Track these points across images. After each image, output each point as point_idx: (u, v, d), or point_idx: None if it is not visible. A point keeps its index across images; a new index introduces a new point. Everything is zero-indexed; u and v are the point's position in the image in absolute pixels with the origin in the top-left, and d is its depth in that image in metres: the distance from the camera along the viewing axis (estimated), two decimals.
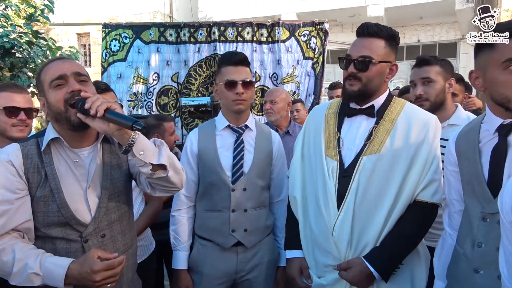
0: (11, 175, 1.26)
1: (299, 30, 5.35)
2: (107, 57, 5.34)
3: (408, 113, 1.58)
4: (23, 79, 6.08)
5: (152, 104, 5.40)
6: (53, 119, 1.33)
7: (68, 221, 1.31)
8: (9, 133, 1.82)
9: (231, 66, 1.83)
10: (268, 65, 5.39)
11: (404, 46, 10.98)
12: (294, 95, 5.34)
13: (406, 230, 1.50)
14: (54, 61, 1.35)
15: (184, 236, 1.89)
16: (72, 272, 1.22)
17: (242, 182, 1.83)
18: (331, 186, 1.56)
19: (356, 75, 1.55)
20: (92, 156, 1.39)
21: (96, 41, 12.64)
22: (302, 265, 1.66)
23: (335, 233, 1.52)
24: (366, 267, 1.47)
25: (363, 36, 1.58)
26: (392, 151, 1.52)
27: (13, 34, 5.83)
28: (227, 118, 1.89)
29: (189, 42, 5.35)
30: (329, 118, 1.69)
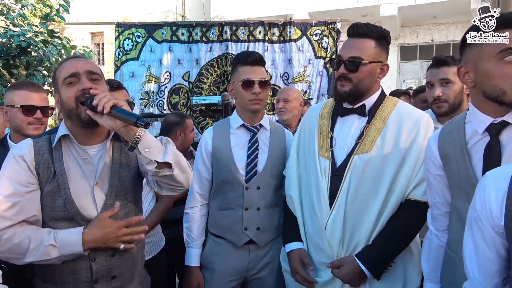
0: (23, 170, 1.30)
1: (311, 30, 5.33)
2: (120, 56, 5.40)
3: (400, 111, 1.58)
4: (38, 77, 6.20)
5: (164, 103, 5.44)
6: (65, 115, 1.36)
7: (73, 216, 1.34)
8: (25, 131, 1.86)
9: (248, 65, 1.83)
10: (279, 64, 5.39)
11: (417, 46, 10.86)
12: (305, 94, 5.33)
13: (398, 229, 1.51)
14: (69, 60, 1.38)
15: (197, 233, 1.91)
16: (87, 237, 1.29)
17: (256, 181, 1.84)
18: (323, 185, 1.58)
19: (346, 76, 1.56)
20: (101, 154, 1.42)
21: (110, 40, 12.79)
22: (301, 254, 1.66)
23: (327, 231, 1.54)
24: (357, 265, 1.49)
25: (353, 37, 1.58)
26: (383, 150, 1.53)
27: (29, 33, 5.94)
28: (242, 117, 1.90)
29: (201, 41, 5.38)
30: (322, 117, 1.71)
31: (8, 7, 6.62)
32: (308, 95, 5.34)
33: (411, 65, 10.86)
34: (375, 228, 1.51)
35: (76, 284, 1.36)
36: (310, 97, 5.33)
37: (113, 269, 1.41)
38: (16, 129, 1.89)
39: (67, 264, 1.34)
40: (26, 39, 5.78)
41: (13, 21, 6.18)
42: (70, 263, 1.34)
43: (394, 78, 10.82)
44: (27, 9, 6.76)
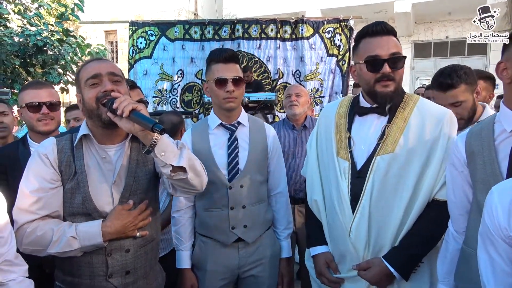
0: (47, 167, 1.36)
1: (323, 27, 5.31)
2: (133, 54, 5.46)
3: (421, 109, 1.53)
4: (53, 75, 6.32)
5: (177, 101, 5.49)
6: (87, 115, 1.41)
7: (91, 213, 1.39)
8: (37, 128, 1.90)
9: (221, 63, 1.79)
10: (291, 62, 5.38)
11: (431, 43, 10.71)
12: (317, 92, 5.31)
13: (425, 230, 1.48)
14: (93, 61, 1.42)
15: (186, 236, 1.90)
16: (107, 229, 1.35)
17: (239, 180, 1.82)
18: (344, 187, 1.55)
19: (390, 75, 1.48)
20: (120, 153, 1.46)
21: (123, 38, 12.93)
22: (327, 258, 1.64)
23: (352, 235, 1.51)
24: (385, 267, 1.47)
25: (382, 35, 1.50)
26: (406, 150, 1.48)
27: (45, 33, 6.05)
28: (219, 116, 1.87)
29: (213, 39, 5.41)
30: (339, 117, 1.66)
31: (25, 7, 6.75)
32: (320, 93, 5.33)
33: (425, 62, 10.72)
34: (401, 229, 1.48)
35: (92, 277, 1.40)
36: (322, 95, 5.31)
37: (127, 265, 1.45)
38: (29, 127, 1.94)
39: (85, 257, 1.38)
40: (42, 38, 5.90)
41: (30, 20, 6.30)
42: (87, 257, 1.39)
43: (408, 75, 10.69)
44: (43, 9, 6.88)
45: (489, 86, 2.71)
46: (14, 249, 1.31)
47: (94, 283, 1.41)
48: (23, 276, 1.32)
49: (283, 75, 5.40)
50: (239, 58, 1.86)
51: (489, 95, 2.73)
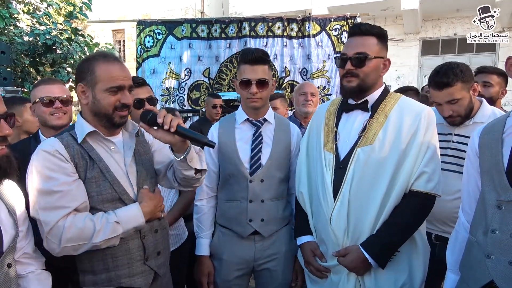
0: (62, 162, 1.36)
1: (330, 25, 5.31)
2: (141, 53, 5.51)
3: (402, 105, 1.65)
4: (63, 74, 6.38)
5: (184, 99, 5.53)
6: (93, 112, 1.43)
7: (120, 195, 1.44)
8: (50, 122, 1.94)
9: (248, 64, 1.85)
10: (298, 60, 5.39)
11: (439, 40, 10.62)
12: (324, 90, 5.32)
13: (401, 219, 1.55)
14: (114, 64, 1.42)
15: (206, 224, 1.98)
16: (145, 209, 1.44)
17: (260, 174, 1.88)
18: (327, 177, 1.65)
19: (353, 72, 1.63)
20: (125, 144, 1.53)
21: (130, 37, 13.01)
22: (312, 247, 1.73)
23: (332, 222, 1.60)
24: (362, 253, 1.54)
25: (356, 35, 1.66)
26: (385, 142, 1.58)
27: (54, 32, 6.11)
28: (246, 112, 1.95)
29: (220, 37, 5.43)
30: (329, 114, 1.79)
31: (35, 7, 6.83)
32: (327, 90, 5.33)
33: (433, 60, 10.63)
34: (379, 218, 1.56)
35: (130, 264, 1.44)
36: (329, 92, 5.31)
37: (158, 245, 1.54)
38: (42, 123, 1.98)
39: (121, 246, 1.42)
40: (51, 37, 5.96)
41: (39, 20, 6.37)
42: (123, 245, 1.43)
43: (415, 73, 10.62)
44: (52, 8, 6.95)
45: (502, 81, 2.70)
46: (32, 242, 1.35)
47: (133, 270, 1.45)
48: (41, 269, 1.36)
49: (290, 73, 5.40)
50: (267, 57, 1.90)
51: (502, 91, 2.72)
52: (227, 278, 1.92)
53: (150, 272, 1.50)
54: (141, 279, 1.47)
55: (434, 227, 2.11)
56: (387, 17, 10.50)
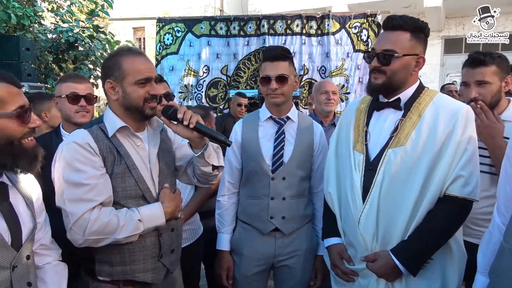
0: (92, 155, 1.39)
1: (350, 22, 5.23)
2: (160, 50, 5.56)
3: (437, 104, 1.54)
4: (84, 70, 6.52)
5: (202, 96, 5.56)
6: (124, 107, 1.46)
7: (144, 193, 1.47)
8: (73, 119, 1.99)
9: (268, 61, 1.87)
10: (316, 58, 5.34)
11: (463, 38, 10.34)
12: (343, 88, 5.25)
13: (435, 224, 1.46)
14: (140, 57, 1.45)
15: (227, 220, 2.00)
16: (167, 209, 1.46)
17: (282, 172, 1.88)
18: (357, 179, 1.59)
19: (380, 69, 1.55)
20: (150, 141, 1.55)
21: (150, 35, 13.15)
22: (339, 249, 1.68)
23: (360, 225, 1.54)
24: (391, 259, 1.47)
25: (387, 29, 1.57)
26: (418, 143, 1.50)
27: (76, 29, 6.24)
28: (269, 109, 1.95)
29: (239, 35, 5.44)
30: (359, 112, 1.72)
31: (58, 5, 6.99)
32: (346, 89, 5.27)
33: (456, 58, 10.37)
34: (411, 223, 1.48)
35: (146, 260, 1.47)
36: (348, 91, 5.25)
37: (173, 243, 1.57)
38: (65, 118, 2.02)
39: (139, 242, 1.45)
40: (73, 35, 6.09)
41: (62, 17, 6.52)
42: (141, 241, 1.45)
43: (437, 72, 10.38)
44: (74, 6, 7.10)
45: None
46: (49, 233, 1.38)
47: (147, 266, 1.48)
48: (57, 260, 1.39)
49: (308, 71, 5.36)
50: (288, 54, 1.91)
51: None
52: (247, 273, 1.94)
53: (162, 268, 1.53)
54: (153, 275, 1.49)
55: None
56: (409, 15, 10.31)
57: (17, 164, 1.16)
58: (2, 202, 1.16)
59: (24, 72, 4.58)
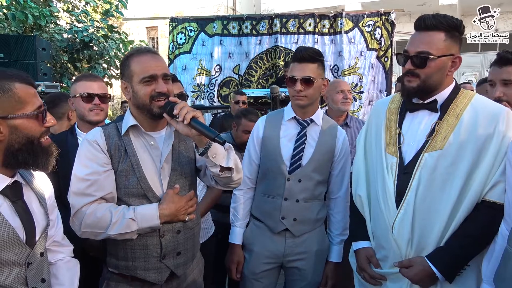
0: (98, 152, 1.43)
1: (363, 21, 5.19)
2: (173, 49, 5.60)
3: (476, 106, 1.48)
4: (98, 69, 6.61)
5: (214, 95, 5.58)
6: (135, 106, 1.49)
7: (146, 193, 1.47)
8: (88, 117, 2.03)
9: (296, 62, 1.86)
10: (329, 56, 5.31)
11: None
12: (356, 87, 5.21)
13: (473, 231, 1.42)
14: (146, 55, 1.46)
15: (242, 214, 2.01)
16: (163, 211, 1.43)
17: (298, 174, 1.87)
18: (389, 183, 1.54)
19: (414, 72, 1.49)
20: (164, 140, 1.56)
21: (164, 34, 13.25)
22: (368, 253, 1.64)
23: (394, 231, 1.50)
24: (428, 266, 1.43)
25: (420, 30, 1.50)
26: (456, 147, 1.44)
27: (91, 29, 6.33)
28: (294, 110, 1.94)
29: (251, 34, 5.44)
30: (390, 113, 1.65)
31: (74, 5, 7.10)
32: (359, 88, 5.22)
33: (472, 57, 10.19)
34: (447, 229, 1.44)
35: (147, 259, 1.48)
36: (362, 90, 5.21)
37: (179, 246, 1.54)
38: (80, 117, 2.06)
39: (139, 240, 1.46)
40: (88, 34, 6.18)
41: (78, 17, 6.62)
42: (142, 240, 1.46)
43: None
44: (89, 6, 7.20)
45: None
46: (61, 230, 1.41)
47: (149, 264, 1.49)
48: (69, 256, 1.41)
49: None
50: (317, 56, 1.88)
51: None
52: (255, 270, 1.95)
53: (166, 270, 1.52)
54: (155, 274, 1.50)
55: None
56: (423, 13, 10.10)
57: (37, 162, 1.19)
58: (16, 201, 1.18)
59: (40, 71, 4.67)
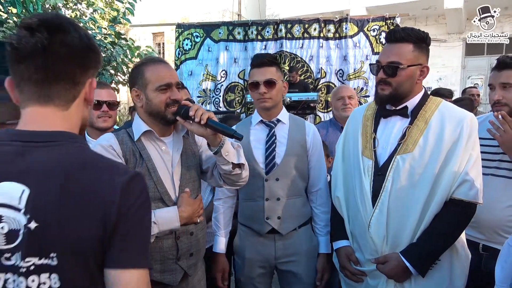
0: (113, 157, 1.47)
1: (368, 25, 5.21)
2: (179, 55, 5.66)
3: (443, 111, 1.62)
4: (106, 76, 6.67)
5: (220, 100, 5.62)
6: (147, 113, 1.53)
7: (162, 196, 1.52)
8: (96, 124, 2.08)
9: (255, 68, 1.95)
10: (334, 61, 5.33)
11: None
12: (362, 91, 5.22)
13: (442, 227, 1.53)
14: (160, 64, 1.53)
15: (223, 223, 2.05)
16: (182, 214, 1.49)
17: (275, 173, 1.93)
18: (366, 184, 1.65)
19: (386, 80, 1.62)
20: (173, 145, 1.61)
21: (170, 40, 13.36)
22: (347, 252, 1.75)
23: (371, 229, 1.61)
24: (402, 261, 1.54)
25: (391, 42, 1.64)
26: (425, 150, 1.57)
27: (98, 36, 6.40)
28: (260, 114, 2.02)
29: (256, 39, 5.48)
30: (366, 119, 1.78)
31: (82, 12, 7.20)
32: (365, 92, 5.23)
33: (478, 61, 10.15)
34: (419, 226, 1.55)
35: (163, 261, 1.52)
36: (367, 94, 5.22)
37: (192, 247, 1.60)
38: (89, 123, 2.10)
39: (156, 243, 1.50)
40: (96, 41, 6.24)
41: (86, 25, 6.70)
42: (158, 243, 1.50)
43: (458, 74, 10.18)
44: (97, 14, 7.29)
45: None
46: None
47: (165, 267, 1.53)
48: None
49: (326, 74, 5.36)
50: (274, 60, 1.98)
51: None
52: (251, 275, 1.99)
53: (180, 271, 1.56)
54: (170, 276, 1.54)
55: (483, 236, 1.99)
56: (428, 17, 10.17)
57: None
58: None
59: None
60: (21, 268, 0.81)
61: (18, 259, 0.81)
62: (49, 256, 0.81)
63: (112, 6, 7.20)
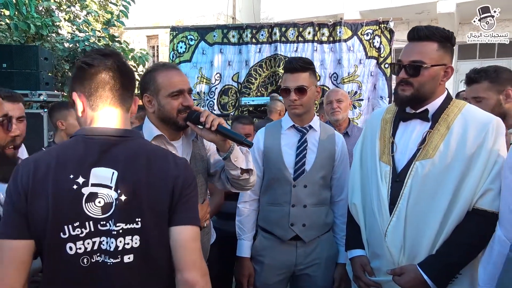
0: None
1: (362, 29, 5.24)
2: (174, 58, 5.65)
3: (466, 115, 1.52)
4: None
5: (214, 103, 5.61)
6: (159, 118, 1.54)
7: None
8: None
9: (288, 73, 1.92)
10: (328, 65, 5.35)
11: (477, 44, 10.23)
12: (355, 95, 5.24)
13: (464, 239, 1.44)
14: (172, 70, 1.55)
15: (248, 227, 2.03)
16: None
17: (303, 179, 1.90)
18: (383, 190, 1.57)
19: (407, 80, 1.53)
20: (182, 149, 1.62)
21: (164, 42, 13.34)
22: (362, 262, 1.67)
23: (387, 238, 1.53)
24: (420, 274, 1.45)
25: (414, 40, 1.55)
26: (446, 156, 1.48)
27: (92, 38, 6.37)
28: (291, 118, 1.99)
29: (251, 42, 5.49)
30: (385, 122, 1.70)
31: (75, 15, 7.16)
32: (358, 95, 5.25)
33: (470, 64, 10.22)
34: (439, 237, 1.46)
35: None
36: (361, 97, 5.24)
37: None
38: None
39: None
40: (90, 44, 6.22)
41: (79, 27, 6.67)
42: None
43: (451, 78, 10.28)
44: (91, 16, 7.26)
45: None
46: None
47: None
48: None
49: (320, 78, 5.37)
50: (307, 65, 1.92)
51: None
52: (268, 282, 1.97)
53: None
54: None
55: None
56: (421, 21, 10.23)
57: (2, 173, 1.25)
58: None
59: (42, 81, 4.69)
60: (113, 231, 1.06)
61: (111, 225, 1.06)
62: (135, 221, 1.07)
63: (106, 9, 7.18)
